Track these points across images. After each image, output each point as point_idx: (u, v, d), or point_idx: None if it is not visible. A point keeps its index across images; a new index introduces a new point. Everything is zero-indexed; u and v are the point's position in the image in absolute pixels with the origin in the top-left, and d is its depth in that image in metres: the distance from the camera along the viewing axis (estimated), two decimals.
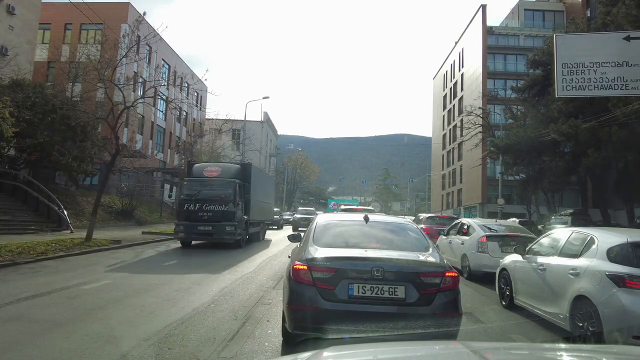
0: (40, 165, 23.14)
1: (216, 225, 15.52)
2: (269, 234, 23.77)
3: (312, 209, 38.57)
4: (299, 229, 24.71)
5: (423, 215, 24.16)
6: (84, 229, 16.60)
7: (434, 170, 72.14)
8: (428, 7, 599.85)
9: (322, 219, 5.84)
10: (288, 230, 27.54)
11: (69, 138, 21.09)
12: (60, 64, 28.13)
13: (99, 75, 16.20)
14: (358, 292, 4.36)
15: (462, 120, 49.61)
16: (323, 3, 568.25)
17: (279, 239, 21.09)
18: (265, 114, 66.44)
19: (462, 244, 11.52)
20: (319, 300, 4.35)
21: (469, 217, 23.66)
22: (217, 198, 15.88)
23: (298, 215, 32.90)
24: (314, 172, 79.95)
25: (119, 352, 4.66)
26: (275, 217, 32.42)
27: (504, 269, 7.84)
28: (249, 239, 18.43)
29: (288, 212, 45.71)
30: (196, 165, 18.14)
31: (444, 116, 65.75)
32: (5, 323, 5.68)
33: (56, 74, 28.14)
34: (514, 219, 28.06)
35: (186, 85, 38.42)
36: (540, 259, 6.63)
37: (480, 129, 37.81)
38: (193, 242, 16.91)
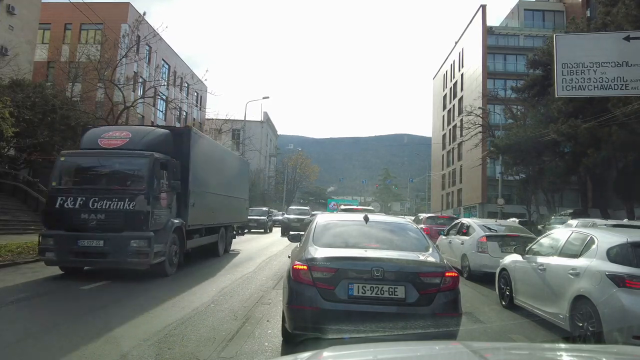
0: (40, 165, 23.18)
1: (112, 237, 8.70)
2: (249, 241, 19.25)
3: (307, 208, 32.74)
4: (291, 232, 20.62)
5: (423, 215, 24.14)
6: None
7: (434, 170, 72.13)
8: (428, 7, 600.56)
9: (322, 219, 5.84)
10: (278, 234, 24.94)
11: (69, 138, 21.12)
12: (60, 64, 28.15)
13: (99, 75, 16.24)
14: (358, 292, 4.37)
15: (462, 120, 49.61)
16: (323, 3, 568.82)
17: (255, 251, 15.67)
18: (265, 114, 66.60)
19: (462, 244, 11.52)
20: (319, 300, 4.35)
21: (469, 217, 23.66)
22: (116, 187, 9.16)
23: (289, 216, 27.05)
24: (314, 172, 79.92)
25: (119, 352, 4.66)
26: (260, 217, 27.80)
27: (503, 269, 7.84)
28: (203, 253, 12.59)
29: (279, 213, 38.93)
30: (91, 130, 10.79)
31: (444, 116, 65.76)
32: (6, 323, 5.69)
33: (56, 74, 28.16)
34: (513, 219, 28.06)
35: (186, 85, 38.48)
36: (540, 259, 6.63)
37: (480, 129, 37.82)
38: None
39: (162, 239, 9.28)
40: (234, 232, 16.01)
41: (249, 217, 26.47)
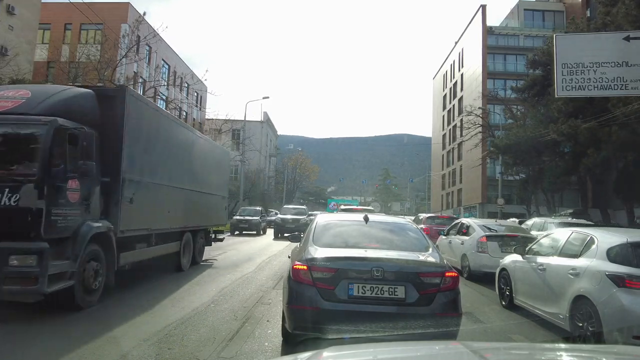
0: None
1: None
2: (236, 246, 16.74)
3: (304, 207, 30.03)
4: (285, 234, 19.95)
5: (423, 215, 24.15)
6: None
7: (434, 170, 72.14)
8: (428, 7, 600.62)
9: (322, 219, 5.85)
10: (272, 236, 23.25)
11: None
12: (60, 64, 28.14)
13: (99, 75, 16.23)
14: (358, 292, 4.37)
15: (462, 120, 49.62)
16: (323, 3, 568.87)
17: (236, 259, 13.15)
18: (265, 114, 66.47)
19: (462, 244, 11.52)
20: (318, 300, 4.35)
21: (469, 217, 23.65)
22: None
23: (284, 216, 24.50)
24: (314, 172, 79.90)
25: (119, 352, 4.66)
26: (253, 218, 25.32)
27: (503, 269, 7.84)
28: (173, 265, 10.14)
29: (274, 212, 35.92)
30: None
31: (443, 116, 65.76)
32: (5, 324, 5.68)
33: (56, 74, 28.14)
34: (513, 219, 28.05)
35: (186, 85, 38.48)
36: (540, 259, 6.63)
37: (480, 129, 37.83)
38: None
39: (67, 252, 6.10)
40: (212, 236, 13.26)
41: (240, 217, 25.15)
